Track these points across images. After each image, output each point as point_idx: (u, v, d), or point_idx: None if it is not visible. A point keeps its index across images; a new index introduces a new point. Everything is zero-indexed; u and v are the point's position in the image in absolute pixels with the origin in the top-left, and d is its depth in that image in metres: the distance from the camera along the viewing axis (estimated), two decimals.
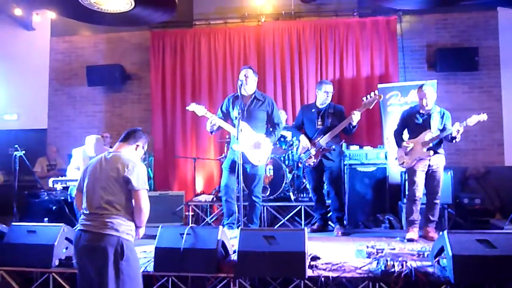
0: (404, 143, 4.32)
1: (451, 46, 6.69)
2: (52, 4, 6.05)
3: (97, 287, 2.55)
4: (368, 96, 4.38)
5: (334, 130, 4.51)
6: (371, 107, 4.48)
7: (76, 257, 2.70)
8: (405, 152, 4.31)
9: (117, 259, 2.54)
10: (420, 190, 4.25)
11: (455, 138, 4.08)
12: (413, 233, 4.18)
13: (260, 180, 4.44)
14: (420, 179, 4.24)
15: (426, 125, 4.23)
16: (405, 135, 4.47)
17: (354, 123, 4.39)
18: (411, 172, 4.29)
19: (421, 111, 4.28)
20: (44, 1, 6.21)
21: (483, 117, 3.98)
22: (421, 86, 4.26)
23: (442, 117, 4.25)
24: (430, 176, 4.25)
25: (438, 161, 4.24)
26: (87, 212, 2.66)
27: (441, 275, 2.96)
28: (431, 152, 4.17)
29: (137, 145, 2.85)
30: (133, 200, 2.69)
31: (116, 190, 2.64)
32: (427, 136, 4.19)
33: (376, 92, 4.43)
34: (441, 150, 4.29)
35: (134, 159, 2.76)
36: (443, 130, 4.19)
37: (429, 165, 4.23)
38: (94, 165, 2.75)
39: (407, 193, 4.44)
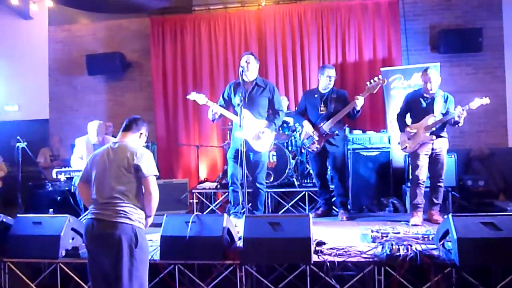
0: (408, 128, 4.30)
1: (454, 27, 6.59)
2: None
3: (111, 274, 2.59)
4: (372, 81, 4.34)
5: (338, 115, 4.48)
6: (374, 92, 4.43)
7: (88, 245, 2.71)
8: (408, 136, 4.29)
9: (132, 246, 2.60)
10: (423, 174, 4.24)
11: (458, 122, 4.07)
12: (417, 217, 4.18)
13: (264, 167, 4.44)
14: (423, 162, 4.23)
15: (429, 109, 4.19)
16: (408, 119, 4.43)
17: (358, 108, 4.36)
18: (414, 156, 4.27)
19: (425, 95, 4.24)
20: None
21: (486, 100, 3.96)
22: (425, 70, 4.21)
23: (445, 101, 4.22)
24: (434, 159, 4.23)
25: (441, 144, 4.22)
26: (98, 201, 2.68)
27: (446, 258, 2.97)
28: (434, 136, 4.16)
29: (140, 133, 2.90)
30: (142, 188, 2.73)
31: (127, 179, 2.68)
32: (430, 120, 4.16)
33: (380, 76, 4.37)
34: (444, 134, 4.27)
35: (140, 147, 2.82)
36: (446, 114, 4.16)
37: (432, 149, 4.21)
38: (100, 156, 2.76)
39: (410, 177, 4.43)
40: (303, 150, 5.51)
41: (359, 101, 4.30)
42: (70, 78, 7.70)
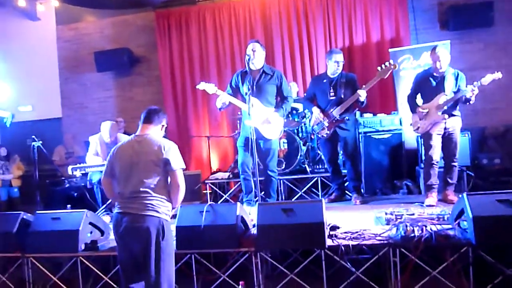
0: (419, 109, 4.24)
1: (464, 2, 6.43)
2: None
3: (142, 264, 2.65)
4: (383, 66, 4.30)
5: (346, 102, 4.45)
6: (385, 77, 4.39)
7: (118, 238, 2.72)
8: (420, 117, 4.24)
9: (159, 239, 2.64)
10: (437, 154, 4.19)
11: (469, 100, 3.98)
12: (432, 198, 4.15)
13: (275, 154, 4.44)
14: (436, 142, 4.18)
15: (440, 88, 4.13)
16: (419, 99, 4.37)
17: (362, 99, 4.35)
18: (427, 136, 4.22)
19: (434, 74, 4.17)
20: None
21: (498, 75, 3.87)
22: (434, 48, 4.14)
23: (456, 79, 4.15)
24: (447, 138, 4.18)
25: (454, 123, 4.17)
26: (125, 195, 2.70)
27: (462, 238, 2.94)
28: (446, 116, 4.10)
29: (162, 125, 2.90)
30: (169, 180, 2.75)
31: (156, 172, 2.68)
32: (441, 99, 4.10)
33: (391, 61, 4.32)
34: (456, 112, 4.20)
35: (166, 140, 2.82)
36: (457, 92, 4.09)
37: (445, 128, 4.15)
38: (125, 150, 2.76)
39: (424, 157, 4.39)
40: (313, 136, 5.49)
41: (362, 93, 4.30)
42: (79, 76, 7.78)
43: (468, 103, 4.06)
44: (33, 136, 4.79)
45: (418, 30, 6.55)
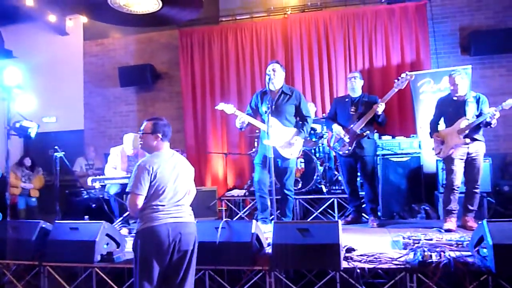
0: (435, 135, 4.26)
1: (486, 28, 6.42)
2: (83, 9, 6.27)
3: (175, 275, 2.72)
4: (399, 77, 4.40)
5: (367, 115, 4.49)
6: (403, 87, 4.49)
7: (165, 247, 2.67)
8: (440, 142, 4.22)
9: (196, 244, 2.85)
10: (458, 179, 4.13)
11: (490, 123, 3.96)
12: (451, 223, 4.07)
13: (292, 173, 4.45)
14: (458, 167, 4.12)
15: (461, 112, 4.11)
16: (442, 124, 4.36)
17: (379, 112, 4.42)
18: (448, 160, 4.18)
19: (454, 98, 4.17)
20: (76, 7, 6.44)
21: None
22: (450, 75, 4.21)
23: (477, 102, 4.13)
24: (470, 164, 4.12)
25: (478, 148, 4.11)
26: (171, 205, 2.77)
27: (481, 265, 2.88)
28: (468, 140, 4.05)
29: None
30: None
31: (188, 185, 2.92)
32: (462, 123, 4.08)
33: (408, 72, 4.40)
34: (480, 137, 4.15)
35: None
36: (479, 115, 4.06)
37: (468, 153, 4.11)
38: (166, 164, 2.80)
39: (444, 182, 4.33)
40: (332, 155, 5.50)
41: (380, 105, 4.40)
42: (103, 90, 8.00)
43: (489, 126, 4.03)
44: (56, 147, 4.91)
45: (439, 54, 6.54)
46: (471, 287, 2.80)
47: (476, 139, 4.10)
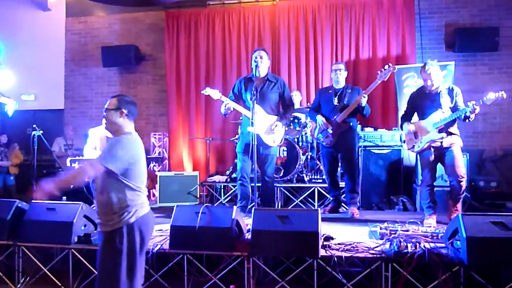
0: (405, 125, 4.12)
1: (470, 25, 6.50)
2: None
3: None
4: (383, 69, 4.38)
5: (348, 108, 4.51)
6: (386, 79, 4.48)
7: (149, 236, 2.62)
8: (414, 135, 4.09)
9: None
10: (433, 175, 4.06)
11: (469, 117, 3.82)
12: (431, 219, 4.01)
13: (273, 161, 4.46)
14: (432, 163, 4.02)
15: (436, 105, 3.97)
16: (415, 118, 4.22)
17: (363, 104, 4.42)
18: (422, 155, 4.08)
19: (428, 91, 4.03)
20: None
21: (501, 94, 3.70)
22: (423, 66, 3.98)
23: (450, 94, 3.98)
24: (445, 156, 3.96)
25: (452, 140, 3.95)
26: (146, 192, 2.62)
27: (454, 257, 2.96)
28: (444, 134, 3.91)
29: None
30: None
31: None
32: (437, 116, 3.93)
33: (391, 64, 4.40)
34: (455, 130, 3.97)
35: None
36: (455, 107, 3.95)
37: (442, 147, 3.95)
38: (141, 147, 2.60)
39: (420, 178, 4.28)
40: (315, 145, 5.53)
41: (364, 99, 4.39)
42: (85, 69, 7.81)
43: (467, 120, 3.89)
44: (34, 126, 4.79)
45: (424, 49, 6.60)
46: (444, 278, 2.88)
47: (450, 133, 3.95)
